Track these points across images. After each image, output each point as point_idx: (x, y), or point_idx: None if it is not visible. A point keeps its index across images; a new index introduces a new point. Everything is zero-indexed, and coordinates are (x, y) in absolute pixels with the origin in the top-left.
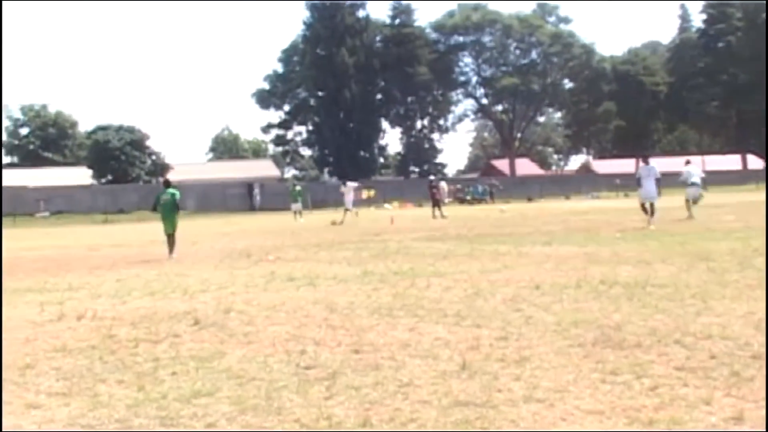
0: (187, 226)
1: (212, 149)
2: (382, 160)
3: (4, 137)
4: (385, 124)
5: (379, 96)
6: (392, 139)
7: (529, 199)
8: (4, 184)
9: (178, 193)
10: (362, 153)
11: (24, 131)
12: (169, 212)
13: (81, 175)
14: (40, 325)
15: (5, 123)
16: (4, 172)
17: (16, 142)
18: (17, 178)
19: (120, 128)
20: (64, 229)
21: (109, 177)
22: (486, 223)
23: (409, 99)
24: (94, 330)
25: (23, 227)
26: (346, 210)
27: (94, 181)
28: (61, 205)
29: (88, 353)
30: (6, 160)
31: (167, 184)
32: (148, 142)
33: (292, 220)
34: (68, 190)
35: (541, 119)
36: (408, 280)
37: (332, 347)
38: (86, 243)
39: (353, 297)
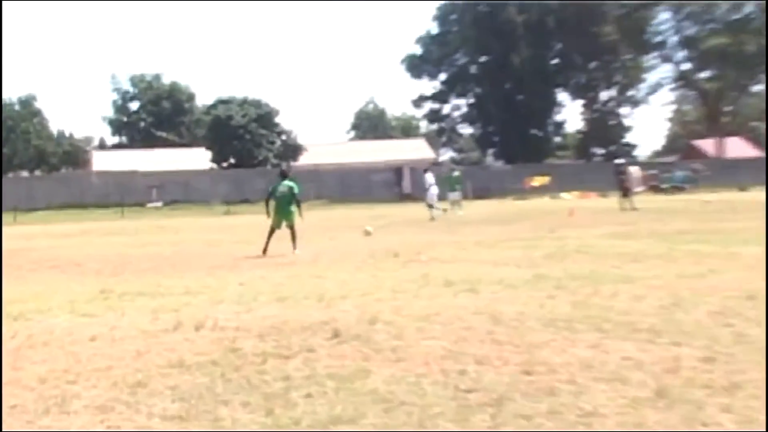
0: (323, 217)
1: (354, 127)
2: (558, 139)
3: (111, 112)
4: (562, 96)
5: (554, 61)
6: (571, 114)
7: (742, 188)
8: (112, 168)
9: (297, 187)
10: (534, 131)
11: (134, 106)
12: (286, 206)
13: (199, 158)
14: (152, 336)
15: (112, 96)
16: (111, 154)
17: (125, 118)
18: (126, 161)
19: (244, 102)
20: (179, 222)
21: (232, 160)
22: (686, 216)
23: (592, 65)
24: (215, 342)
25: (132, 218)
26: (430, 205)
27: (214, 165)
28: (175, 193)
29: (208, 370)
30: (113, 140)
31: (284, 174)
32: (277, 119)
33: (449, 212)
34: (184, 175)
35: (757, 88)
36: (590, 287)
37: (497, 367)
38: (205, 238)
39: (523, 306)
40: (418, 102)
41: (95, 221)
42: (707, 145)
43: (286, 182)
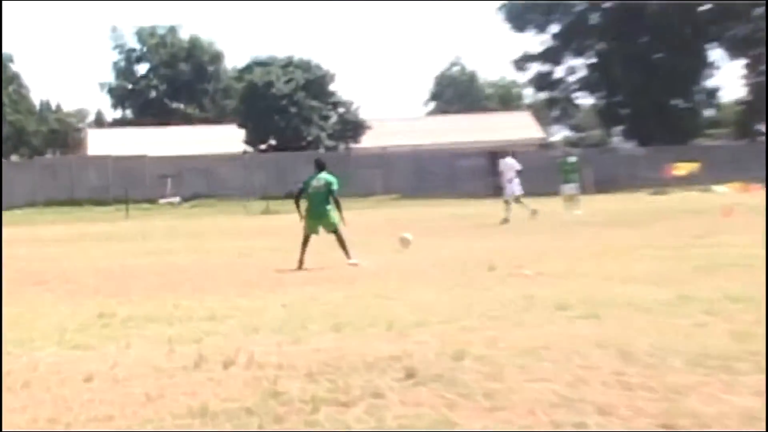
0: (392, 217)
1: (434, 97)
2: (710, 112)
3: (111, 78)
4: (715, 54)
5: (705, 6)
6: (728, 79)
7: None
8: (113, 151)
9: (335, 181)
10: (676, 101)
11: (142, 69)
12: (321, 206)
13: (228, 138)
14: (167, 374)
15: (113, 56)
16: (112, 132)
17: (130, 86)
18: (132, 142)
19: (288, 64)
20: (201, 223)
21: (272, 141)
22: None
23: (756, 11)
24: (249, 384)
25: (140, 219)
26: (507, 201)
27: (249, 148)
28: (197, 184)
29: (242, 420)
30: (114, 114)
31: (320, 165)
32: (332, 86)
33: (561, 209)
34: (208, 161)
35: None
36: (753, 312)
37: (627, 419)
38: (235, 245)
39: (661, 337)
40: (521, 63)
41: (91, 222)
42: None
43: (323, 175)
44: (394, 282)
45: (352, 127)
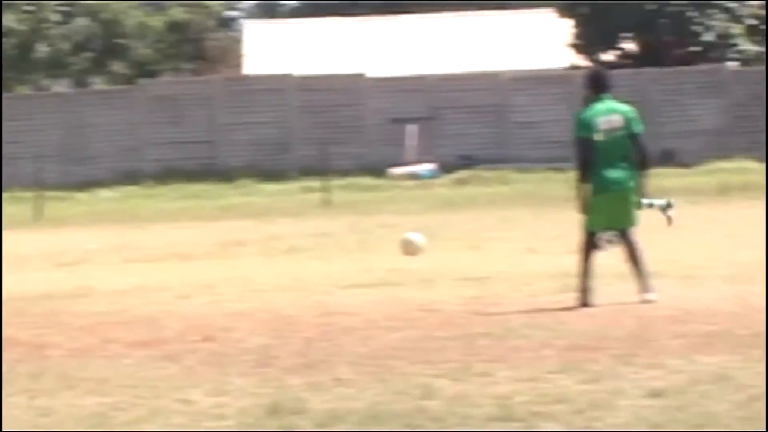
0: None
1: None
2: None
3: None
4: None
5: None
6: None
7: None
8: (293, 70)
9: (634, 115)
10: None
11: None
12: (617, 169)
13: (537, 40)
14: None
15: None
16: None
17: None
18: (325, 48)
19: None
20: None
21: (626, 46)
22: None
23: None
24: None
25: (353, 211)
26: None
27: (579, 58)
28: (473, 136)
29: None
30: None
31: (597, 84)
32: None
33: None
34: (492, 87)
35: None
36: None
37: None
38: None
39: None
40: None
41: (254, 217)
42: None
43: (611, 103)
44: None
45: None
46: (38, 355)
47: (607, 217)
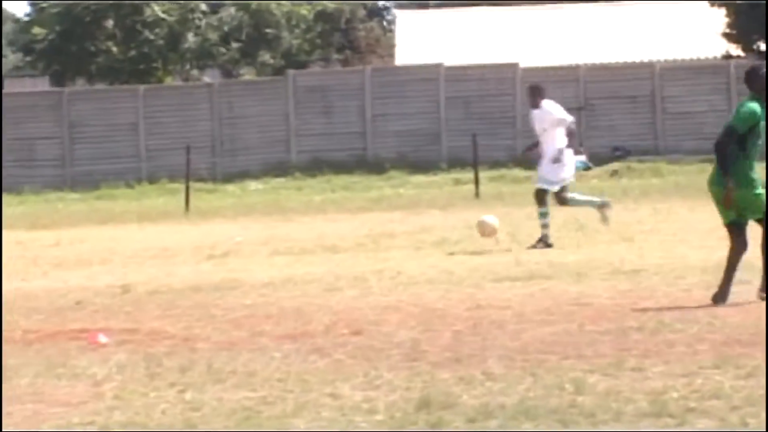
0: None
1: None
2: None
3: None
4: None
5: None
6: None
7: None
8: (444, 59)
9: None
10: None
11: None
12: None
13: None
14: None
15: None
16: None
17: None
18: (477, 37)
19: None
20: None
21: None
22: None
23: None
24: None
25: (503, 204)
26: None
27: (735, 49)
28: (639, 125)
29: None
30: None
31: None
32: None
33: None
34: (674, 76)
35: None
36: None
37: None
38: None
39: None
40: None
41: (393, 210)
42: None
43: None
44: None
45: None
46: (187, 348)
47: (747, 206)
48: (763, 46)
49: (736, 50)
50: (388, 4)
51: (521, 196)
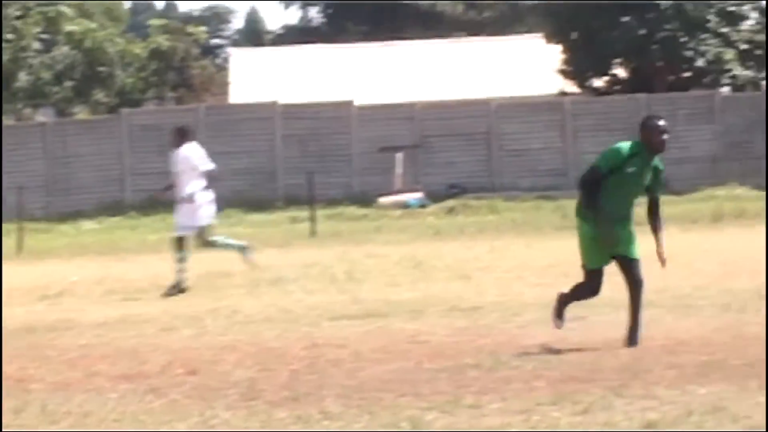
0: None
1: None
2: None
3: None
4: None
5: None
6: None
7: None
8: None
9: (661, 165)
10: None
11: None
12: (629, 211)
13: (526, 65)
14: None
15: None
16: (274, 54)
17: None
18: (313, 75)
19: None
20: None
21: (619, 72)
22: None
23: None
24: None
25: (337, 242)
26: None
27: (571, 85)
28: (463, 164)
29: None
30: (287, 19)
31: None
32: None
33: None
34: (482, 114)
35: None
36: None
37: None
38: None
39: None
40: None
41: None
42: None
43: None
44: None
45: None
46: (21, 389)
47: (614, 249)
48: (596, 83)
49: (571, 87)
50: (221, 42)
51: (358, 233)
